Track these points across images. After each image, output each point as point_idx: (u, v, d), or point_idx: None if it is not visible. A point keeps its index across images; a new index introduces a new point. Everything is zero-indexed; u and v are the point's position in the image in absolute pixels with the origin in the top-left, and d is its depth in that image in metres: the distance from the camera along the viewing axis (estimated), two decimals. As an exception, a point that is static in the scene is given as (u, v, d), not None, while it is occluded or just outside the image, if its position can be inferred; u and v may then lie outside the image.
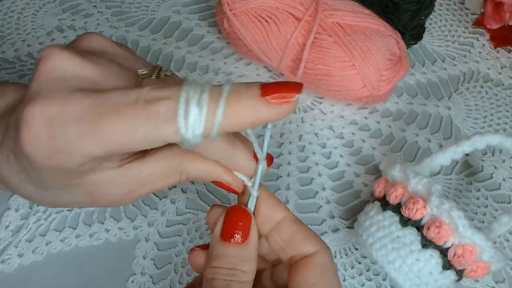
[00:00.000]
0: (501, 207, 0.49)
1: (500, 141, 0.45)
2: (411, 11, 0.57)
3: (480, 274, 0.39)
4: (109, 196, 0.32)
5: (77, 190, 0.31)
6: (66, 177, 0.29)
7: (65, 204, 0.35)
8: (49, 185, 0.30)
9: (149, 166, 0.31)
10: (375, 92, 0.51)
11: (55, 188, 0.31)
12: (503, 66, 0.62)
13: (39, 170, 0.28)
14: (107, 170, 0.30)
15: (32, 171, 0.29)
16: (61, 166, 0.27)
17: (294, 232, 0.31)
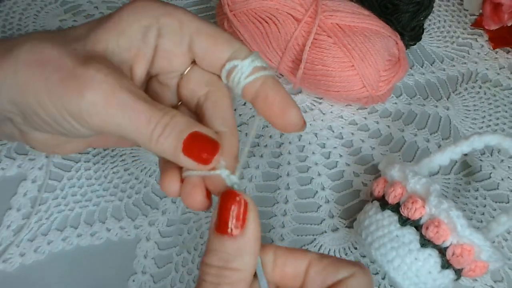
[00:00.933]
0: (500, 206, 0.49)
1: (499, 141, 0.45)
2: (410, 12, 0.57)
3: (478, 273, 0.39)
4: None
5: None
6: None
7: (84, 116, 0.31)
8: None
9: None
10: (374, 92, 0.51)
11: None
12: (502, 67, 0.62)
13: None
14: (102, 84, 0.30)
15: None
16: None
17: (324, 269, 0.29)
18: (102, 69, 0.29)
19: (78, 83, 0.29)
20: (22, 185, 0.47)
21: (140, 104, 0.29)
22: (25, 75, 0.30)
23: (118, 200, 0.47)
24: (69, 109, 0.29)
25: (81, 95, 0.29)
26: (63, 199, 0.47)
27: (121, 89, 0.29)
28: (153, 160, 0.50)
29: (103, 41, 0.31)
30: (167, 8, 0.33)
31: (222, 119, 0.33)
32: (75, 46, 0.31)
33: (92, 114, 0.29)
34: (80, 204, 0.47)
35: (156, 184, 0.48)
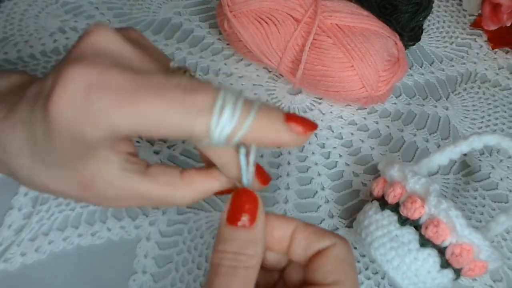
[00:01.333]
0: (499, 206, 0.50)
1: (498, 141, 0.45)
2: (409, 13, 0.57)
3: (477, 273, 0.39)
4: (99, 192, 0.31)
5: (73, 175, 0.31)
6: (76, 151, 0.29)
7: (54, 189, 0.32)
8: (51, 160, 0.30)
9: (146, 185, 0.32)
10: (373, 92, 0.51)
11: (54, 166, 0.30)
12: (501, 67, 0.62)
13: (53, 138, 0.28)
14: (110, 166, 0.31)
15: (41, 140, 0.29)
16: (81, 136, 0.27)
17: (308, 236, 0.31)
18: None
19: None
20: (23, 185, 0.47)
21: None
22: None
23: (119, 200, 0.47)
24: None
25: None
26: (64, 199, 0.47)
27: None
28: (153, 160, 0.50)
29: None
30: None
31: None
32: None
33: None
34: (81, 204, 0.47)
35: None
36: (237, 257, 0.29)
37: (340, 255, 0.30)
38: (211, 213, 0.47)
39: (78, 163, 0.30)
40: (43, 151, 0.30)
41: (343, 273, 0.30)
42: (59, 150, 0.29)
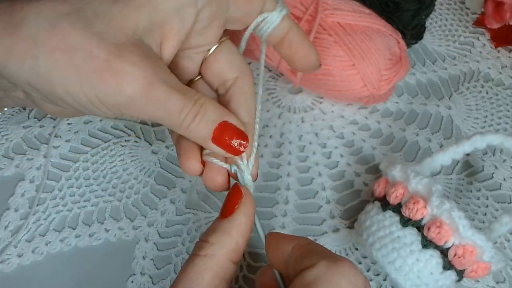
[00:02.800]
0: (502, 207, 0.49)
1: (501, 141, 0.45)
2: (411, 11, 0.57)
3: (480, 274, 0.39)
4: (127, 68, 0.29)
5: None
6: None
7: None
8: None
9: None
10: (375, 91, 0.50)
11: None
12: (504, 66, 0.62)
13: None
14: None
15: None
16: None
17: (297, 257, 0.29)
18: (138, 63, 0.28)
19: (116, 77, 0.28)
20: (20, 185, 0.47)
21: (174, 96, 0.29)
22: (49, 63, 0.28)
23: (117, 201, 0.47)
24: (104, 100, 0.29)
25: (120, 90, 0.28)
26: (61, 199, 0.46)
27: (158, 83, 0.29)
28: (152, 160, 0.50)
29: (131, 20, 0.29)
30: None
31: (247, 109, 0.34)
32: (99, 27, 0.28)
33: (129, 107, 0.29)
34: (78, 205, 0.46)
35: (155, 185, 0.48)
36: (199, 244, 0.30)
37: (310, 278, 0.27)
38: (210, 213, 0.46)
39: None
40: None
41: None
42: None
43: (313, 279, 0.26)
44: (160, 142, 0.51)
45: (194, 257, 0.29)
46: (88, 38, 0.28)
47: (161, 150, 0.51)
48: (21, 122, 0.51)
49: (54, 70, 0.28)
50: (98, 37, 0.28)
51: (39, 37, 0.27)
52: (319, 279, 0.26)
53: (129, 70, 0.28)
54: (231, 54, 0.35)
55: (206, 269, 0.29)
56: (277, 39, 0.36)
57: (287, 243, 0.30)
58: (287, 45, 0.36)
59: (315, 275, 0.26)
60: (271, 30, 0.35)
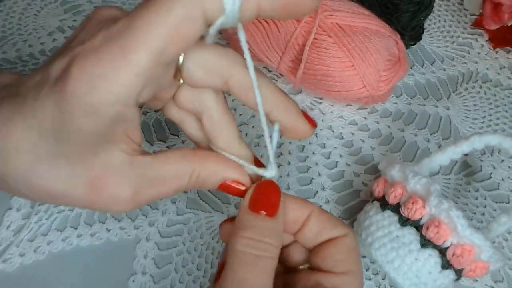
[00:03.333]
0: (500, 207, 0.49)
1: (499, 141, 0.45)
2: (410, 12, 0.57)
3: (479, 273, 0.39)
4: (112, 190, 0.29)
5: (83, 170, 0.28)
6: (89, 135, 0.27)
7: (56, 192, 0.29)
8: (58, 151, 0.27)
9: (159, 163, 0.30)
10: (374, 92, 0.51)
11: (61, 160, 0.28)
12: (502, 67, 0.62)
13: (68, 120, 0.26)
14: (119, 153, 0.28)
15: (50, 128, 0.27)
16: (97, 103, 0.25)
17: (322, 223, 0.32)
18: (119, 190, 0.29)
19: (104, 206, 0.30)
20: (22, 185, 0.47)
21: (168, 187, 0.31)
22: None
23: (118, 200, 0.47)
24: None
25: (111, 209, 0.30)
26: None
27: (145, 192, 0.30)
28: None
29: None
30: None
31: (223, 135, 0.33)
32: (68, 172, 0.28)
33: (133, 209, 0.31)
34: (80, 205, 0.46)
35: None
36: (261, 245, 0.29)
37: (351, 245, 0.32)
38: (211, 213, 0.47)
39: (89, 155, 0.28)
40: (50, 141, 0.27)
41: (353, 263, 0.31)
42: (72, 133, 0.27)
43: (353, 245, 0.32)
44: (161, 142, 0.51)
45: (262, 258, 0.29)
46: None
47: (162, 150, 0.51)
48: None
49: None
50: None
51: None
52: (355, 246, 0.32)
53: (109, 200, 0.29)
54: (192, 93, 0.32)
55: (273, 270, 0.29)
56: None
57: (301, 209, 0.32)
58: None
59: (352, 243, 0.32)
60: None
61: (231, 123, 0.33)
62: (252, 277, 0.28)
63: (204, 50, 0.30)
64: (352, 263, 0.31)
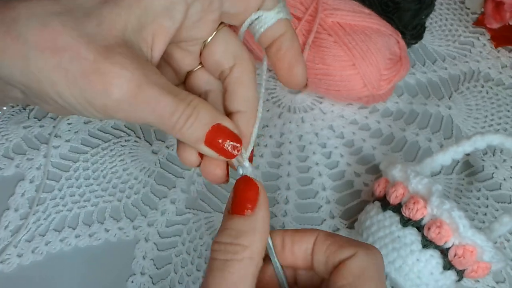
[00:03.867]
0: (502, 207, 0.49)
1: (501, 141, 0.45)
2: (411, 11, 0.57)
3: (480, 274, 0.39)
4: (117, 69, 0.28)
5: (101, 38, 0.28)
6: None
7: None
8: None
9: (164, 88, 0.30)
10: (375, 91, 0.50)
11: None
12: (504, 66, 0.61)
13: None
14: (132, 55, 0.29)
15: None
16: None
17: (327, 249, 0.29)
18: (127, 65, 0.28)
19: (103, 80, 0.27)
20: (20, 185, 0.47)
21: (164, 98, 0.29)
22: (39, 62, 0.27)
23: (117, 201, 0.47)
24: (93, 103, 0.28)
25: (108, 92, 0.27)
26: (61, 199, 0.46)
27: (148, 85, 0.28)
28: (152, 160, 0.50)
29: (121, 20, 0.28)
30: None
31: (244, 97, 0.33)
32: (89, 28, 0.28)
33: (118, 110, 0.28)
34: (78, 205, 0.46)
35: (155, 185, 0.48)
36: (230, 248, 0.28)
37: (356, 268, 0.28)
38: (210, 214, 0.46)
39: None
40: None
41: (368, 283, 0.28)
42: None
43: (361, 267, 0.28)
44: (160, 142, 0.51)
45: (230, 262, 0.27)
46: (77, 39, 0.27)
47: (161, 150, 0.51)
48: (21, 122, 0.51)
49: (44, 71, 0.27)
50: (87, 38, 0.27)
51: (30, 37, 0.27)
52: (366, 267, 0.28)
53: (117, 72, 0.27)
54: (227, 43, 0.34)
55: (248, 274, 0.28)
56: (268, 41, 0.34)
57: (305, 239, 0.30)
58: (275, 49, 0.34)
59: (361, 264, 0.28)
60: (264, 30, 0.33)
61: (255, 92, 0.33)
62: (220, 283, 0.27)
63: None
64: (365, 283, 0.28)
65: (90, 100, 0.28)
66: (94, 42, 0.27)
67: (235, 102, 0.33)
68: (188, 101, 0.29)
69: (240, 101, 0.33)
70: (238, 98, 0.33)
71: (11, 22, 0.27)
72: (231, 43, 0.34)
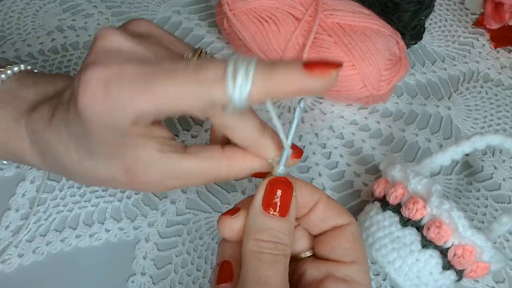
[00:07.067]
0: (501, 207, 0.49)
1: (500, 141, 0.45)
2: (411, 11, 0.57)
3: (480, 274, 0.39)
4: (144, 176, 0.33)
5: (117, 162, 0.33)
6: (114, 140, 0.31)
7: (101, 179, 0.35)
8: (94, 150, 0.32)
9: (187, 161, 0.33)
10: (375, 92, 0.51)
11: (98, 157, 0.33)
12: (503, 66, 0.62)
13: (90, 131, 0.30)
14: (148, 150, 0.32)
15: (82, 134, 0.31)
16: (113, 124, 0.29)
17: (329, 210, 0.33)
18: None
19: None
20: (21, 185, 0.47)
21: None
22: None
23: (117, 201, 0.47)
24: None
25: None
26: (62, 199, 0.46)
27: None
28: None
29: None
30: None
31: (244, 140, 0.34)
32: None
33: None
34: (79, 205, 0.46)
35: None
36: (278, 246, 0.30)
37: (356, 233, 0.32)
38: (211, 214, 0.47)
39: (119, 151, 0.32)
40: (86, 144, 0.32)
41: (361, 252, 0.32)
42: (98, 142, 0.31)
43: (357, 232, 0.33)
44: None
45: (273, 257, 0.30)
46: None
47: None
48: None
49: None
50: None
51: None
52: (359, 234, 0.33)
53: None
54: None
55: (287, 266, 0.30)
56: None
57: (310, 195, 0.33)
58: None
59: (356, 230, 0.33)
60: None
61: (248, 118, 0.34)
62: (273, 275, 0.29)
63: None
64: (359, 252, 0.32)
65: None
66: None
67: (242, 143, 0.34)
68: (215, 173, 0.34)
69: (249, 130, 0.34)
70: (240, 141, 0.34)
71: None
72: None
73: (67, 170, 0.35)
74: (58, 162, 0.35)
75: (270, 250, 0.30)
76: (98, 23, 0.62)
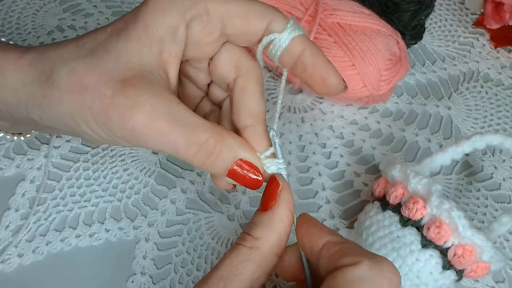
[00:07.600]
0: (501, 207, 0.49)
1: (500, 141, 0.45)
2: (411, 11, 0.57)
3: (480, 274, 0.39)
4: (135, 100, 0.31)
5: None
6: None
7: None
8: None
9: (187, 110, 0.32)
10: (375, 92, 0.51)
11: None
12: (503, 66, 0.62)
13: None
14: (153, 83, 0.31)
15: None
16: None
17: (333, 254, 0.29)
18: (140, 97, 0.30)
19: (119, 113, 0.30)
20: (21, 185, 0.47)
21: (176, 130, 0.30)
22: (70, 104, 0.31)
23: (117, 201, 0.47)
24: (115, 133, 0.31)
25: (124, 124, 0.30)
26: (62, 199, 0.46)
27: (159, 117, 0.30)
28: (152, 160, 0.50)
29: (136, 54, 0.31)
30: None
31: (249, 109, 0.34)
32: (108, 64, 0.31)
33: (137, 139, 0.31)
34: (78, 205, 0.46)
35: (155, 185, 0.48)
36: (242, 236, 0.30)
37: (353, 276, 0.27)
38: (211, 214, 0.47)
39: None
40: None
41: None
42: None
43: (357, 277, 0.26)
44: None
45: (239, 246, 0.30)
46: (98, 77, 0.30)
47: (161, 150, 0.51)
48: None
49: (76, 111, 0.31)
50: (106, 76, 0.31)
51: (62, 82, 0.31)
52: (363, 279, 0.26)
53: (130, 105, 0.30)
54: (230, 56, 0.35)
55: (250, 260, 0.29)
56: (290, 62, 0.34)
57: (319, 236, 0.30)
58: (300, 69, 0.34)
59: (358, 275, 0.26)
60: (281, 53, 0.34)
61: (261, 99, 0.34)
62: (223, 262, 0.30)
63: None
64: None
65: (113, 131, 0.31)
66: (112, 78, 0.30)
67: (242, 116, 0.34)
68: (206, 136, 0.31)
69: (246, 115, 0.34)
70: (244, 110, 0.34)
71: (49, 72, 0.32)
72: (234, 56, 0.35)
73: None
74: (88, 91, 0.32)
75: (238, 240, 0.31)
76: (98, 23, 0.62)
